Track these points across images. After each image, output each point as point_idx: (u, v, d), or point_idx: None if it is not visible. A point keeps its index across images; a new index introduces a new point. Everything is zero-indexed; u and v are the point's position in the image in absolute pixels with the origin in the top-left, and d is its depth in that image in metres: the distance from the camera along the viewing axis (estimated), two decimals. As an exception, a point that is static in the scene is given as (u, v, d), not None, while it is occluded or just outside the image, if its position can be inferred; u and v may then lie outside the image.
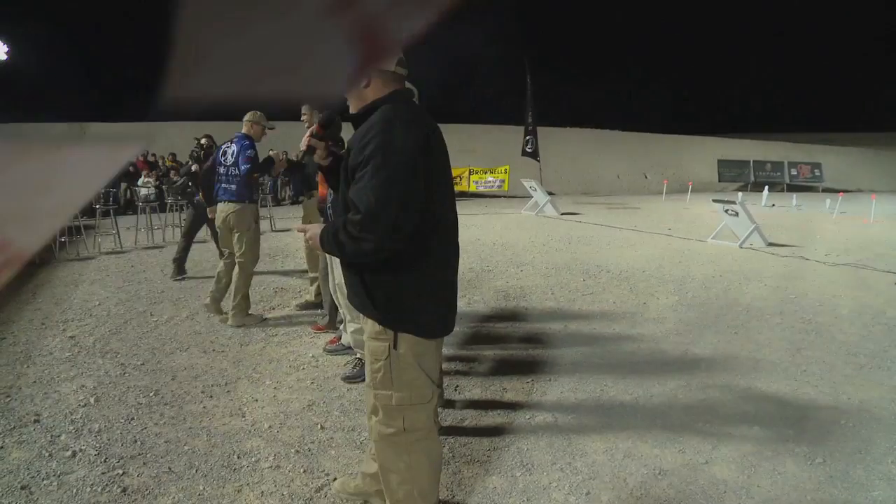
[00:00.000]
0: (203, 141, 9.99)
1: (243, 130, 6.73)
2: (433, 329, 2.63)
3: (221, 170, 6.66)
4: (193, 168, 9.87)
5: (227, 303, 6.80)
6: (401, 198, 2.32)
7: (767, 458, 3.79)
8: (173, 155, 21.70)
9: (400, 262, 2.47)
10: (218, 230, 7.02)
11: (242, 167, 6.48)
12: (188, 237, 9.12)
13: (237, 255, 6.71)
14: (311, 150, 2.79)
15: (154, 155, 21.87)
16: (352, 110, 2.65)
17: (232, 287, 6.74)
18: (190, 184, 10.02)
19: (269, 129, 6.92)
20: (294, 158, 9.58)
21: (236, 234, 6.67)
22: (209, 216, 7.72)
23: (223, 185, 6.65)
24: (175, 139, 27.86)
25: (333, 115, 3.00)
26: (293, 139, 6.82)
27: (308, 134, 2.79)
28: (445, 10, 0.68)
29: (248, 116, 6.79)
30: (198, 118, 32.17)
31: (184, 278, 8.88)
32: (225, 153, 6.71)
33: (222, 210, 6.68)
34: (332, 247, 2.45)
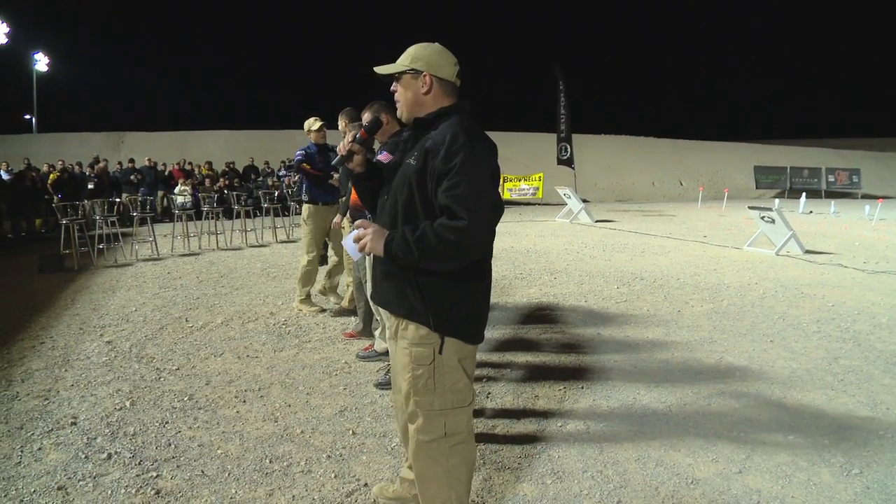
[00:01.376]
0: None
1: None
2: (478, 335, 2.66)
3: None
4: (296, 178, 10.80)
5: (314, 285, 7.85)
6: (492, 209, 2.42)
7: (802, 468, 3.71)
8: (209, 163, 21.93)
9: (463, 269, 2.50)
10: None
11: None
12: None
13: None
14: (349, 155, 2.75)
15: (190, 164, 22.11)
16: (409, 116, 2.67)
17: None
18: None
19: (324, 125, 7.61)
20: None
21: None
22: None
23: None
24: (211, 147, 28.31)
25: (379, 122, 3.02)
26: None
27: (350, 139, 2.75)
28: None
29: None
30: (234, 127, 32.74)
31: None
32: None
33: None
34: (408, 250, 2.38)
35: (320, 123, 7.47)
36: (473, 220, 2.32)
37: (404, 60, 2.63)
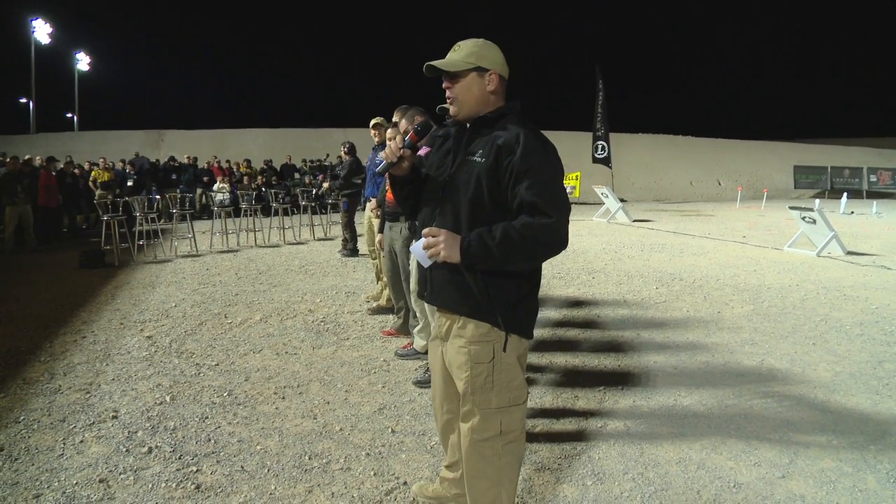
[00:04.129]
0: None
1: None
2: (533, 330, 2.67)
3: None
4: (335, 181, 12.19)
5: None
6: (568, 207, 2.43)
7: (847, 474, 3.62)
8: (248, 161, 22.12)
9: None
10: None
11: None
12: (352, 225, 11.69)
13: None
14: (399, 161, 2.63)
15: (228, 161, 22.34)
16: (470, 114, 2.61)
17: None
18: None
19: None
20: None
21: None
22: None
23: None
24: (249, 145, 28.54)
25: (430, 125, 2.92)
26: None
27: (400, 144, 2.62)
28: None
29: None
30: (270, 126, 32.98)
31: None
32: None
33: None
34: (487, 253, 2.35)
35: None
36: (559, 216, 2.35)
37: (467, 58, 2.55)
